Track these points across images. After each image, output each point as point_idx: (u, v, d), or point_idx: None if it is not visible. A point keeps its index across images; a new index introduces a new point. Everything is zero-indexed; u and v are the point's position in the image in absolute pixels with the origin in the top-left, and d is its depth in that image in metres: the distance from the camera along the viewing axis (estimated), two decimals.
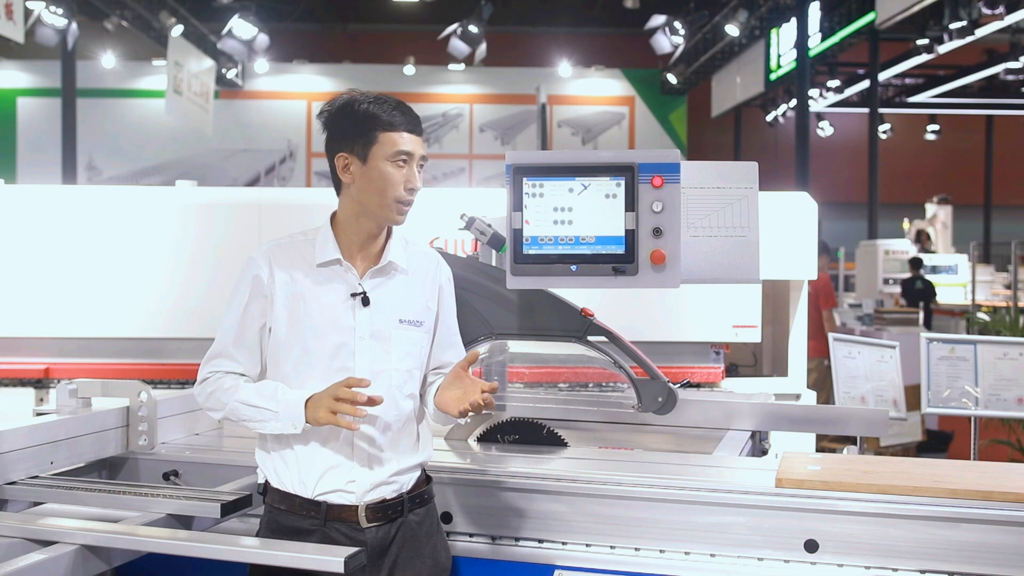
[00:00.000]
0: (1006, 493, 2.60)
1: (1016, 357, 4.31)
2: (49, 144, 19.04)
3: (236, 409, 2.54)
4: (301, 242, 2.64)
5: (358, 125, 2.56)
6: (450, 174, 22.49)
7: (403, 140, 2.56)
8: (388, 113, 2.57)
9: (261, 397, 2.51)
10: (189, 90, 16.43)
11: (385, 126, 2.56)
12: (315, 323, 2.53)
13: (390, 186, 2.56)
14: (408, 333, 2.61)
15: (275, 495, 2.58)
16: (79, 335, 5.34)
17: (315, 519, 2.53)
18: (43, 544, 2.42)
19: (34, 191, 5.73)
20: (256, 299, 2.59)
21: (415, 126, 2.60)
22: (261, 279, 2.59)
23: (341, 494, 2.53)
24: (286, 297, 2.57)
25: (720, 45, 19.30)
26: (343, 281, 2.59)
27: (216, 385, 2.57)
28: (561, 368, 5.07)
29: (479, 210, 3.39)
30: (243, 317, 2.59)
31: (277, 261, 2.60)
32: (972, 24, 13.41)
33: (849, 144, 23.65)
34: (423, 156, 2.62)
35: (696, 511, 2.77)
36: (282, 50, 21.23)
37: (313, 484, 2.53)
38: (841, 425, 3.74)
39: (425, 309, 2.67)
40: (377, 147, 2.56)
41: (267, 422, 2.50)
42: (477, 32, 15.09)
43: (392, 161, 2.56)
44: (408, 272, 2.66)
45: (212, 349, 2.62)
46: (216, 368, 2.60)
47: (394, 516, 2.57)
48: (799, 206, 5.37)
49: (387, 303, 2.60)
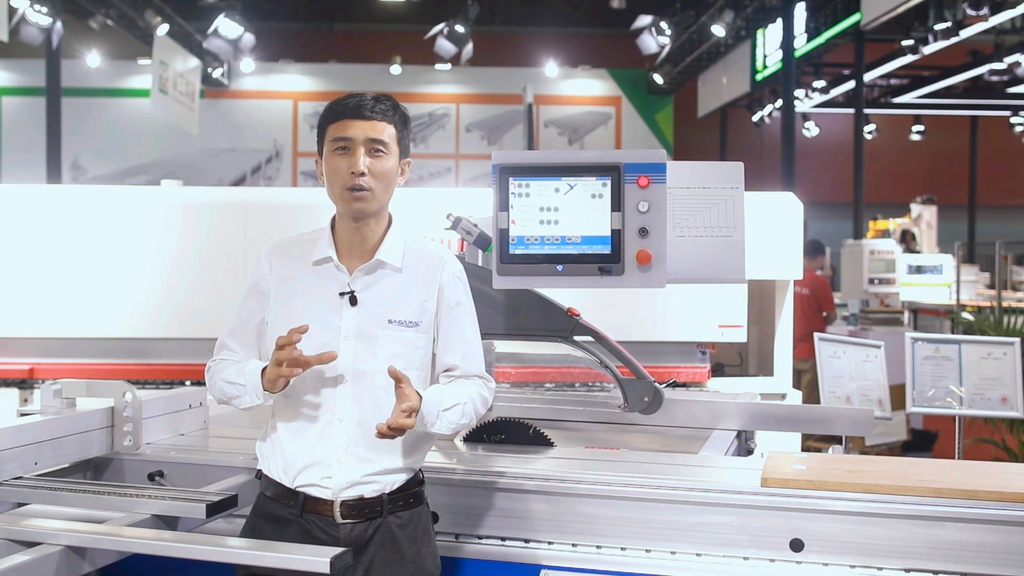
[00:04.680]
0: (990, 492, 2.61)
1: (1000, 357, 4.33)
2: (34, 143, 18.90)
3: (221, 389, 2.63)
4: (305, 241, 2.68)
5: (318, 125, 2.64)
6: (436, 174, 22.45)
7: (343, 127, 2.56)
8: (337, 105, 2.59)
9: (237, 374, 2.58)
10: (175, 89, 16.37)
11: (330, 118, 2.60)
12: (303, 321, 2.52)
13: (335, 176, 2.56)
14: (399, 333, 2.57)
15: (265, 482, 2.63)
16: (64, 335, 5.32)
17: (293, 509, 2.55)
18: (27, 545, 2.41)
19: (18, 191, 5.70)
20: (253, 294, 2.68)
21: (361, 112, 2.56)
22: (261, 275, 2.67)
23: (318, 488, 2.54)
24: (280, 294, 2.63)
25: (706, 45, 19.32)
26: (335, 280, 2.60)
27: (214, 371, 2.67)
28: (547, 368, 5.08)
29: (465, 210, 3.39)
30: (240, 310, 2.70)
31: (278, 259, 2.67)
32: (957, 25, 13.45)
33: (834, 144, 23.70)
34: (373, 139, 2.56)
35: (682, 511, 2.77)
36: (268, 49, 21.15)
37: (294, 475, 2.56)
38: (826, 425, 3.75)
39: (422, 309, 2.62)
40: (325, 141, 2.60)
41: (241, 397, 2.57)
42: (463, 32, 15.07)
43: (334, 150, 2.57)
44: (403, 271, 2.63)
45: (217, 342, 2.72)
46: (217, 358, 2.70)
47: (372, 516, 2.55)
48: (785, 206, 5.39)
49: (376, 303, 2.58)
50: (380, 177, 2.56)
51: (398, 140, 2.62)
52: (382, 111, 2.58)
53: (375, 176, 2.55)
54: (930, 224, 16.56)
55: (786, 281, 5.56)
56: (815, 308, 9.44)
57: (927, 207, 16.65)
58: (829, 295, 9.83)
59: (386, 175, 2.58)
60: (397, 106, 2.64)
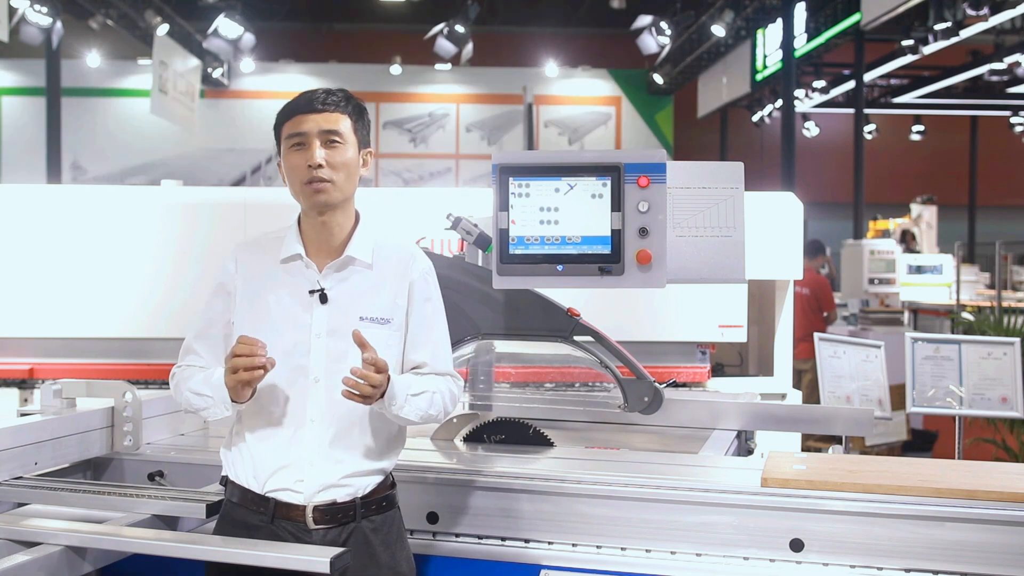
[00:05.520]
0: (990, 492, 2.61)
1: (1000, 357, 4.33)
2: (34, 143, 18.93)
3: (188, 399, 2.54)
4: (270, 240, 2.63)
5: (274, 127, 2.61)
6: (436, 174, 22.44)
7: (297, 123, 2.53)
8: (290, 103, 2.56)
9: (205, 384, 2.50)
10: (175, 89, 16.38)
11: (284, 117, 2.57)
12: (273, 320, 2.50)
13: (293, 172, 2.54)
14: (371, 331, 2.48)
15: (232, 488, 2.56)
16: (64, 335, 5.32)
17: (263, 515, 2.48)
18: (27, 545, 2.42)
19: (18, 191, 5.69)
20: (219, 296, 2.62)
21: (313, 105, 2.53)
22: (227, 275, 2.61)
23: (290, 493, 2.48)
24: (248, 294, 2.57)
25: (706, 45, 19.32)
26: (304, 277, 2.55)
27: (179, 378, 2.59)
28: (547, 368, 5.07)
29: (465, 210, 3.40)
30: (206, 312, 2.63)
31: (244, 259, 2.61)
32: (957, 25, 13.45)
33: (835, 144, 23.70)
34: (328, 131, 2.52)
35: (682, 511, 2.77)
36: (268, 49, 21.15)
37: (264, 480, 2.49)
38: (826, 425, 3.75)
39: (393, 306, 2.57)
40: (282, 141, 2.57)
41: (210, 408, 2.49)
42: (464, 32, 15.06)
43: (290, 147, 2.54)
44: (374, 267, 2.58)
45: (182, 346, 2.65)
46: (181, 364, 2.62)
47: (345, 520, 2.50)
48: (785, 206, 5.39)
49: (347, 300, 2.54)
50: (339, 168, 2.52)
51: (354, 130, 2.58)
52: (334, 102, 2.55)
53: (334, 167, 2.51)
54: (930, 224, 16.56)
55: (786, 281, 5.56)
56: (816, 308, 9.44)
57: (927, 207, 16.64)
58: (830, 295, 9.82)
59: (345, 166, 2.54)
60: (350, 97, 2.60)
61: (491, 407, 3.64)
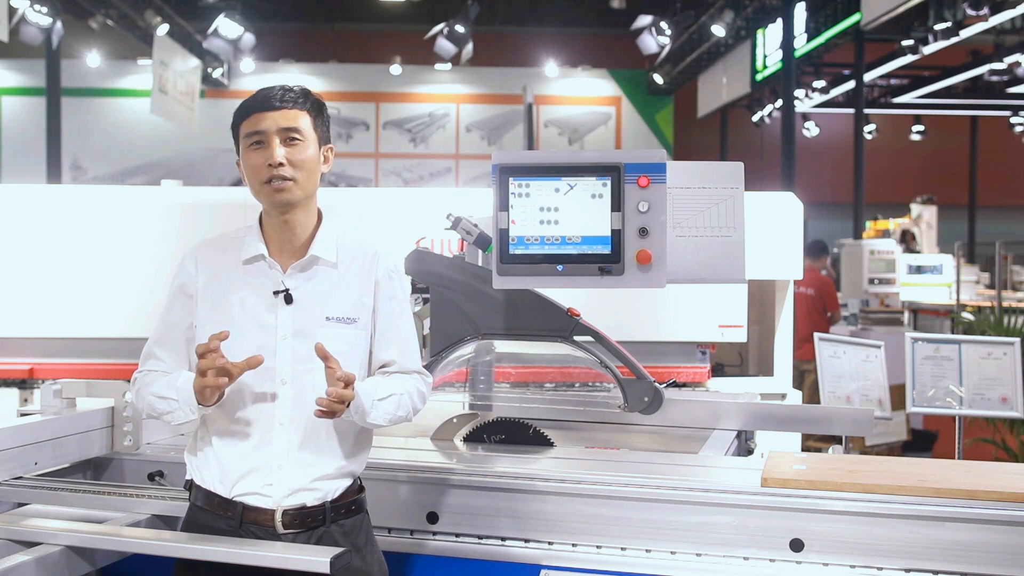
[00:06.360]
0: (990, 492, 2.61)
1: (1000, 357, 4.33)
2: (34, 143, 18.94)
3: (151, 404, 2.48)
4: (231, 240, 2.57)
5: (231, 126, 2.55)
6: (436, 174, 22.45)
7: (255, 121, 2.48)
8: (247, 101, 2.51)
9: (170, 388, 2.44)
10: (175, 89, 16.38)
11: (241, 115, 2.52)
12: (237, 323, 2.44)
13: (253, 172, 2.48)
14: (338, 331, 2.46)
15: (197, 493, 2.51)
16: (64, 335, 5.31)
17: (231, 520, 2.44)
18: (27, 545, 2.42)
19: (18, 191, 5.69)
20: (179, 298, 2.55)
21: (270, 103, 2.48)
22: (187, 276, 2.55)
23: (258, 496, 2.43)
24: (210, 296, 2.51)
25: (706, 46, 19.33)
26: (268, 278, 2.50)
27: (141, 383, 2.52)
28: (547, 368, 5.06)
29: (465, 210, 3.40)
30: (167, 315, 2.56)
31: (204, 260, 2.55)
32: (957, 25, 13.45)
33: (835, 144, 23.71)
34: (287, 128, 2.47)
35: (682, 511, 2.77)
36: (268, 49, 21.17)
37: (232, 484, 2.44)
38: (826, 425, 3.75)
39: (359, 305, 2.52)
40: (240, 140, 2.52)
41: (174, 412, 2.43)
42: (464, 32, 15.06)
43: (249, 146, 2.49)
44: (338, 266, 2.53)
45: (143, 351, 2.58)
46: (143, 368, 2.55)
47: (314, 525, 2.45)
48: (785, 206, 5.38)
49: (312, 300, 2.49)
50: (300, 166, 2.47)
51: (314, 127, 2.52)
52: (292, 99, 2.50)
53: (294, 165, 2.46)
54: (930, 224, 16.56)
55: (786, 281, 5.55)
56: (819, 309, 9.42)
57: (927, 207, 16.64)
58: (834, 295, 9.81)
59: (306, 164, 2.48)
60: (308, 93, 2.55)
61: (491, 407, 3.64)
